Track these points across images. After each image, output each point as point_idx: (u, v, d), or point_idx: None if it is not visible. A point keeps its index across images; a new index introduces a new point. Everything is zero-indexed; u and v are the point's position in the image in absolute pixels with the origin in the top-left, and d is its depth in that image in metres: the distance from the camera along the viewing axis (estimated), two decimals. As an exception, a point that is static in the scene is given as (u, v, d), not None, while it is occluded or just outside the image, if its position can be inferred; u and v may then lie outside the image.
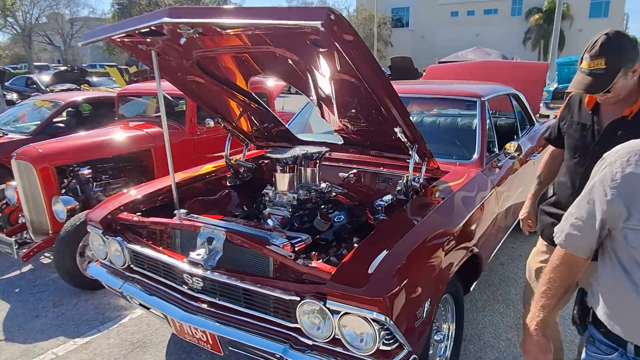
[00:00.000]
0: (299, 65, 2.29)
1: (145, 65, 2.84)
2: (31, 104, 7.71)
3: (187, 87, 2.98)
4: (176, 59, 2.61)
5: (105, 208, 2.81)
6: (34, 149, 4.22)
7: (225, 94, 2.92)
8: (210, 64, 2.61)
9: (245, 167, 3.53)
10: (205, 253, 2.28)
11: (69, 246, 3.77)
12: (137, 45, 2.55)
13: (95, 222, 2.74)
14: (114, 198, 2.95)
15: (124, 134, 4.78)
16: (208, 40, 2.22)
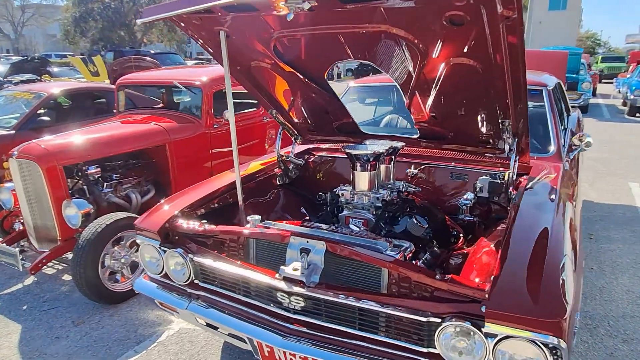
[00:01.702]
0: (407, 47, 1.98)
1: (204, 49, 2.44)
2: (5, 95, 6.99)
3: (245, 73, 2.61)
4: (247, 41, 2.24)
5: (159, 215, 2.42)
6: (39, 146, 3.71)
7: (293, 82, 2.56)
8: (287, 47, 2.25)
9: (294, 164, 3.19)
10: (303, 268, 1.95)
11: (90, 256, 3.32)
12: (203, 25, 2.16)
13: (151, 232, 2.35)
14: (166, 203, 2.55)
15: (137, 128, 4.31)
16: (311, 17, 1.88)
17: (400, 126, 3.00)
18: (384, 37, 1.98)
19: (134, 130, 4.27)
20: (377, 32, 1.92)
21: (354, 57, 2.21)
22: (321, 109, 2.78)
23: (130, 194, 4.28)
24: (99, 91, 7.29)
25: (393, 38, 1.94)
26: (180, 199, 2.56)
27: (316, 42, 2.18)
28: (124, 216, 3.56)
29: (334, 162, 3.32)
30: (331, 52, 2.22)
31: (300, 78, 2.49)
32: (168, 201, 2.58)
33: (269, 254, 2.24)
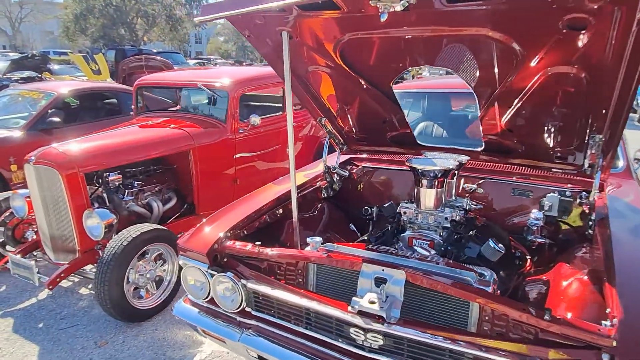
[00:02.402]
0: (503, 53, 1.76)
1: (258, 49, 2.21)
2: (13, 93, 6.72)
3: (299, 77, 2.38)
4: (310, 43, 2.01)
5: (207, 236, 2.18)
6: (59, 151, 3.46)
7: (354, 88, 2.33)
8: (356, 51, 2.03)
9: (339, 176, 2.96)
10: (380, 300, 1.73)
11: (115, 272, 3.08)
12: (265, 25, 1.93)
13: (199, 253, 2.11)
14: (209, 222, 2.31)
15: (161, 133, 4.07)
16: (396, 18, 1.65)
17: (457, 137, 2.77)
18: (475, 42, 1.76)
19: (158, 135, 4.02)
20: (469, 35, 1.70)
21: (429, 63, 1.99)
22: (378, 118, 2.56)
23: (152, 202, 4.04)
24: (109, 91, 7.04)
25: (487, 42, 1.72)
26: (225, 218, 2.32)
27: (391, 46, 1.96)
28: (151, 228, 3.31)
29: (379, 174, 3.09)
30: (405, 57, 2.00)
31: (363, 85, 2.27)
32: (211, 220, 2.33)
33: (332, 281, 2.01)
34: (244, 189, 4.63)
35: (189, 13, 32.03)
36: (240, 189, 4.56)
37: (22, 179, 5.53)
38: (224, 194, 4.46)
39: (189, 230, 3.96)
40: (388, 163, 3.02)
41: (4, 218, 4.00)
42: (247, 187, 4.66)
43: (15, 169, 5.43)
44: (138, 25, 31.42)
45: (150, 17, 30.71)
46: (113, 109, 6.97)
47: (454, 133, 2.86)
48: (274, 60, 2.19)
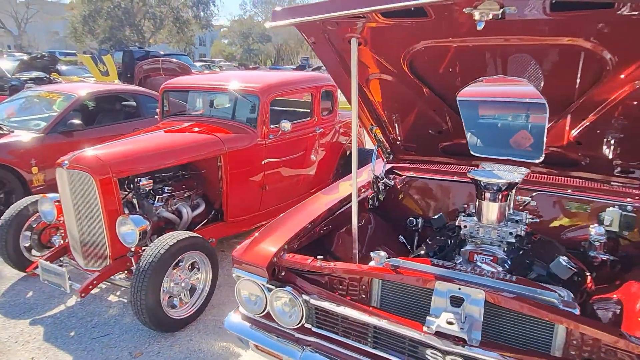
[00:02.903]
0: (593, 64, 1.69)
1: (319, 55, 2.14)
2: (32, 94, 6.66)
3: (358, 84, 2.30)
4: (378, 50, 1.94)
5: (264, 248, 2.11)
6: (93, 156, 3.39)
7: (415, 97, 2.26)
8: (427, 59, 1.96)
9: (385, 185, 2.89)
10: (459, 321, 1.65)
11: (152, 281, 3.00)
12: (336, 31, 1.86)
13: (258, 267, 2.03)
14: (264, 235, 2.23)
15: (192, 137, 3.99)
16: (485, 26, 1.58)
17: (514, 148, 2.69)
18: (562, 51, 1.69)
19: (190, 140, 3.95)
20: (558, 44, 1.63)
21: (504, 72, 1.92)
22: (434, 127, 2.49)
23: (181, 208, 3.97)
24: (128, 94, 6.97)
25: (575, 52, 1.65)
26: (280, 230, 2.25)
27: (467, 55, 1.89)
28: (187, 235, 3.24)
29: (423, 184, 3.01)
30: (480, 66, 1.93)
31: (426, 93, 2.20)
32: (266, 232, 2.25)
33: (399, 298, 1.93)
34: (272, 196, 4.59)
35: (195, 15, 32.07)
36: (268, 195, 4.50)
37: (43, 182, 5.48)
38: (252, 201, 4.40)
39: (216, 236, 3.97)
40: (432, 173, 2.95)
41: (30, 222, 3.93)
42: (275, 194, 4.62)
43: (36, 171, 5.37)
44: (145, 27, 31.42)
45: (157, 19, 30.74)
46: (132, 111, 6.92)
47: (512, 144, 2.79)
48: (335, 68, 2.12)
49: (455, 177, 2.80)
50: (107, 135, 6.08)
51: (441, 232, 2.63)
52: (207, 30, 34.72)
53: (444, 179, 2.84)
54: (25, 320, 3.38)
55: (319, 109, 4.87)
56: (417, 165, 3.00)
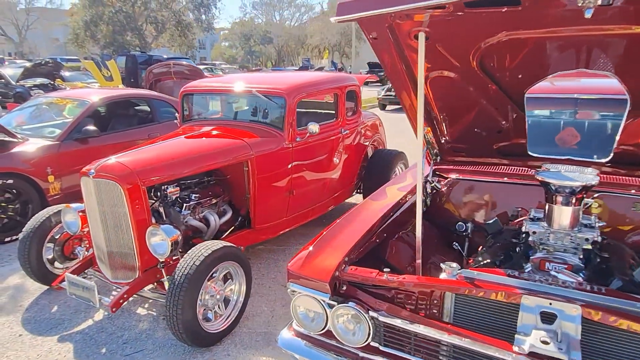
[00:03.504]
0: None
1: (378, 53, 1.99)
2: (45, 101, 6.52)
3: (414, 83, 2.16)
4: (445, 44, 1.80)
5: (324, 261, 1.96)
6: (121, 164, 3.24)
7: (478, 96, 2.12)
8: (500, 53, 1.81)
9: (432, 189, 2.74)
10: (554, 340, 1.50)
11: (188, 295, 2.85)
12: (404, 25, 1.72)
13: (320, 282, 1.88)
14: (319, 246, 2.08)
15: (219, 142, 3.85)
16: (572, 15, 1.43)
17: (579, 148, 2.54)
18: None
19: (217, 145, 3.80)
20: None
21: (586, 66, 1.77)
22: (494, 127, 2.34)
23: (208, 215, 3.83)
24: (141, 99, 6.84)
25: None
26: (337, 241, 2.10)
27: (549, 47, 1.74)
28: (221, 245, 3.09)
29: (471, 186, 2.87)
30: (562, 59, 1.78)
31: (493, 91, 2.05)
32: (323, 243, 2.10)
33: (475, 313, 1.78)
34: (299, 201, 4.44)
35: (197, 18, 31.97)
36: (294, 200, 4.35)
37: (59, 190, 5.35)
38: (279, 206, 4.26)
39: (243, 244, 3.82)
40: (480, 174, 2.80)
41: (53, 234, 3.79)
42: (302, 199, 4.47)
43: (52, 179, 5.24)
44: (147, 32, 31.33)
45: (159, 23, 30.64)
46: (145, 116, 6.79)
47: (577, 143, 2.63)
48: (392, 65, 1.98)
49: (508, 178, 2.65)
50: (121, 142, 5.97)
51: (497, 237, 2.48)
52: (209, 33, 34.62)
53: (495, 181, 2.69)
54: (53, 337, 3.25)
55: (344, 110, 4.72)
56: (462, 167, 2.85)
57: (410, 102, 2.28)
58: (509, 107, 2.17)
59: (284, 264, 4.38)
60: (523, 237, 2.20)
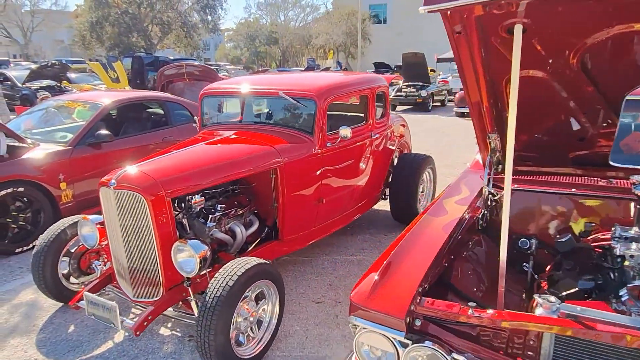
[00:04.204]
0: None
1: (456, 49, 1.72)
2: (54, 105, 6.28)
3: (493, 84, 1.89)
4: (543, 38, 1.52)
5: (395, 292, 1.69)
6: (144, 174, 2.98)
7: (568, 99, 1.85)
8: (609, 50, 1.54)
9: (494, 202, 2.47)
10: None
11: (222, 318, 2.59)
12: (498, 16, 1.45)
13: (393, 317, 1.61)
14: (388, 272, 1.81)
15: (246, 149, 3.59)
16: None
17: None
18: None
19: (245, 152, 3.54)
20: None
21: None
22: (576, 133, 2.07)
23: (234, 227, 3.57)
24: (155, 101, 6.59)
25: None
26: (403, 267, 1.83)
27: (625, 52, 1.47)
28: (254, 263, 2.83)
29: (533, 198, 2.59)
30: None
31: (589, 93, 1.78)
32: (388, 270, 1.83)
33: (583, 356, 1.50)
34: (328, 209, 4.17)
35: (203, 19, 31.76)
36: (324, 209, 4.09)
37: (72, 198, 5.10)
38: (308, 216, 4.00)
39: (271, 257, 3.56)
40: (546, 185, 2.53)
41: (68, 247, 3.53)
42: (331, 207, 4.21)
43: (64, 186, 5.00)
44: (152, 33, 31.12)
45: (165, 24, 30.43)
46: (159, 119, 6.54)
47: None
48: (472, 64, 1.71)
49: (577, 190, 2.38)
50: (135, 146, 5.72)
51: (571, 258, 2.21)
52: (215, 34, 34.42)
53: (564, 193, 2.42)
54: (71, 361, 2.99)
55: (374, 113, 4.45)
56: (522, 176, 2.58)
57: (480, 104, 2.01)
58: (601, 112, 1.90)
59: (312, 276, 4.12)
60: (618, 261, 1.92)
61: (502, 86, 1.91)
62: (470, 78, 1.83)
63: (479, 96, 1.95)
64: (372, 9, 49.56)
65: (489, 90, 1.92)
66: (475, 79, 1.85)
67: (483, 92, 1.92)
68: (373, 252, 4.63)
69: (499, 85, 1.90)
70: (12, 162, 4.69)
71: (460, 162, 8.54)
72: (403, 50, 19.22)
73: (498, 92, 1.95)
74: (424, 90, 17.11)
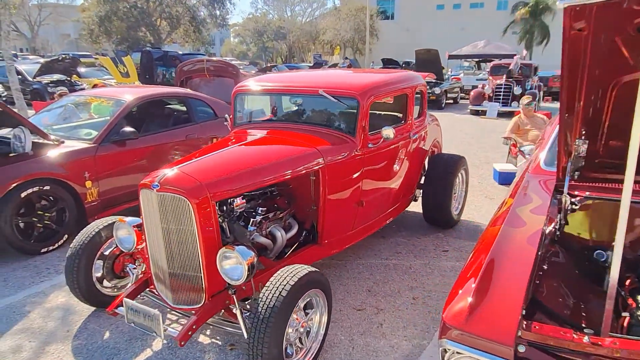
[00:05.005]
0: None
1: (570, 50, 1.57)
2: (76, 100, 6.15)
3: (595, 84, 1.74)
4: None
5: (498, 314, 1.54)
6: (188, 176, 2.84)
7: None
8: None
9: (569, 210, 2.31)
10: None
11: (275, 330, 2.45)
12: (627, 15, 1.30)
13: (500, 344, 1.46)
14: (486, 292, 1.66)
15: (289, 150, 3.44)
16: None
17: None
18: None
19: (288, 153, 3.39)
20: None
21: None
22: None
23: (275, 231, 3.42)
24: (177, 97, 6.43)
25: None
26: (499, 285, 1.68)
27: None
28: (307, 271, 2.69)
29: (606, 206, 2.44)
30: None
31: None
32: (483, 290, 1.68)
33: None
34: (366, 212, 4.02)
35: (211, 14, 31.54)
36: (364, 212, 3.94)
37: (97, 197, 4.97)
38: (347, 219, 3.86)
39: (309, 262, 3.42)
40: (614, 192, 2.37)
41: (102, 250, 3.40)
42: (369, 210, 4.06)
43: (89, 185, 4.87)
44: (161, 27, 30.91)
45: (174, 18, 30.23)
46: (181, 116, 6.40)
47: None
48: (580, 64, 1.55)
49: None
50: (159, 144, 5.59)
51: None
52: (224, 28, 34.20)
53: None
54: (110, 371, 2.87)
55: (412, 112, 4.30)
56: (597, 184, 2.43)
57: (575, 107, 1.86)
58: None
59: (349, 281, 3.98)
60: None
61: (607, 89, 1.75)
62: (572, 79, 1.68)
63: (576, 99, 1.80)
64: (380, 4, 49.26)
65: (589, 93, 1.77)
66: (578, 80, 1.70)
67: (582, 94, 1.77)
68: (408, 255, 4.49)
69: (605, 88, 1.75)
70: (38, 160, 4.56)
71: (482, 162, 8.38)
72: (410, 46, 19.01)
73: (601, 95, 1.79)
74: (437, 88, 16.89)
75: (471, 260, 1.89)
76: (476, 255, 1.91)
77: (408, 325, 3.33)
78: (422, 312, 3.50)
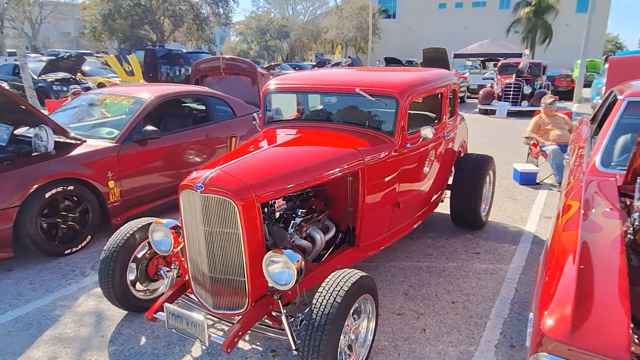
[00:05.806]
0: None
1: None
2: (94, 98, 6.04)
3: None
4: None
5: (598, 324, 1.45)
6: (233, 177, 2.74)
7: None
8: None
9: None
10: None
11: (331, 338, 2.35)
12: None
13: (607, 358, 1.37)
14: (582, 304, 1.56)
15: (329, 151, 3.33)
16: None
17: None
18: None
19: (328, 153, 3.28)
20: None
21: None
22: None
23: (314, 233, 3.33)
24: (197, 96, 6.33)
25: None
26: (598, 294, 1.58)
27: None
28: (359, 276, 2.59)
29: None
30: None
31: None
32: (581, 302, 1.58)
33: None
34: (402, 213, 3.93)
35: (215, 12, 31.38)
36: (400, 213, 3.85)
37: (119, 197, 4.87)
38: (384, 220, 3.76)
39: (346, 264, 3.33)
40: None
41: (135, 253, 3.31)
42: (405, 211, 3.97)
43: (112, 185, 4.77)
44: (164, 26, 30.75)
45: (177, 16, 30.07)
46: (200, 115, 6.30)
47: None
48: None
49: None
50: (180, 143, 5.49)
51: None
52: (227, 27, 34.06)
53: None
54: (151, 379, 2.77)
55: (447, 111, 4.20)
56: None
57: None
58: None
59: (384, 284, 3.88)
60: None
61: None
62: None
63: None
64: (382, 3, 49.13)
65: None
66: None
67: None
68: (440, 257, 4.40)
69: None
70: (61, 160, 4.46)
71: (499, 162, 8.27)
72: (412, 45, 18.87)
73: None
74: (445, 87, 16.78)
75: (551, 266, 1.79)
76: (557, 261, 1.82)
77: (452, 331, 3.24)
78: (464, 317, 3.40)
